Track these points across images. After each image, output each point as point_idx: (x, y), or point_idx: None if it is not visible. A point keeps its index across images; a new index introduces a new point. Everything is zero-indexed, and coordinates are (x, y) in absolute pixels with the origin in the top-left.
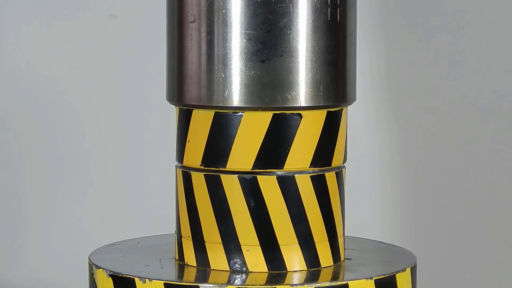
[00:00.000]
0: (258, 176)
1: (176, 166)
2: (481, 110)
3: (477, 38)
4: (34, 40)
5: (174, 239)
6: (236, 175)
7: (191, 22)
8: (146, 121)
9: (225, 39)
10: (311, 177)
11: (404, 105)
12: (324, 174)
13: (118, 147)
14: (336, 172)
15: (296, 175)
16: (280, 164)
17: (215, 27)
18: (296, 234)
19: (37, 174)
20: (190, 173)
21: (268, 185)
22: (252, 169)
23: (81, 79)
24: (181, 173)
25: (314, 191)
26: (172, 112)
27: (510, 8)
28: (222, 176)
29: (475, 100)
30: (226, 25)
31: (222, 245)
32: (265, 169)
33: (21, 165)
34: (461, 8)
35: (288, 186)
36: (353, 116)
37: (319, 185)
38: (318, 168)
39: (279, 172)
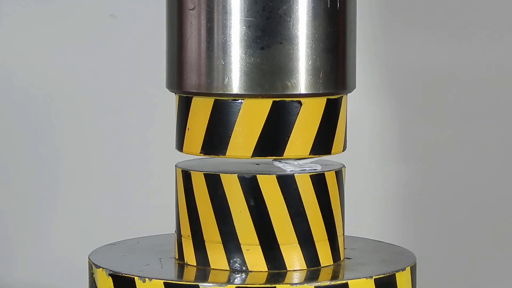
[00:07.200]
0: (258, 176)
1: (176, 166)
2: (487, 103)
3: (481, 21)
4: (33, 39)
5: (174, 239)
6: (236, 175)
7: (190, 9)
8: (146, 121)
9: (224, 26)
10: (310, 176)
11: (405, 96)
12: (323, 173)
13: (118, 147)
14: (335, 171)
15: (296, 175)
16: (279, 151)
17: (215, 14)
18: (295, 233)
19: (37, 173)
20: (190, 173)
21: (268, 184)
22: (252, 156)
23: (80, 78)
24: (180, 172)
25: (313, 190)
26: (173, 116)
27: None
28: (222, 175)
29: (481, 90)
30: (226, 12)
31: (221, 245)
32: (265, 156)
33: (20, 164)
34: None
35: (287, 185)
36: (353, 109)
37: (319, 184)
38: (317, 156)
39: (279, 173)
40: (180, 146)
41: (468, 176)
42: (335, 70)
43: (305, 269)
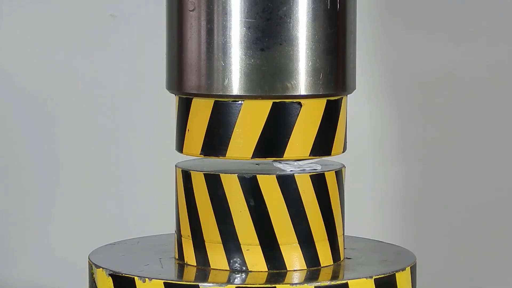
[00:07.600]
0: (258, 176)
1: (176, 166)
2: (487, 103)
3: (480, 22)
4: (33, 39)
5: (174, 239)
6: (236, 175)
7: (190, 11)
8: (146, 122)
9: (224, 28)
10: (310, 176)
11: (406, 99)
12: (323, 173)
13: (118, 147)
14: (335, 171)
15: (296, 175)
16: (280, 152)
17: (215, 16)
18: (295, 233)
19: (37, 173)
20: (190, 173)
21: (268, 184)
22: (251, 157)
23: (80, 78)
24: (180, 172)
25: (313, 190)
26: (173, 117)
27: None
28: (222, 175)
29: (481, 90)
30: (226, 14)
31: (221, 245)
32: (265, 157)
33: (20, 164)
34: None
35: (287, 185)
36: (353, 110)
37: (319, 184)
38: (318, 157)
39: (279, 173)
40: (180, 147)
41: (468, 176)
42: (335, 71)
43: (305, 269)
